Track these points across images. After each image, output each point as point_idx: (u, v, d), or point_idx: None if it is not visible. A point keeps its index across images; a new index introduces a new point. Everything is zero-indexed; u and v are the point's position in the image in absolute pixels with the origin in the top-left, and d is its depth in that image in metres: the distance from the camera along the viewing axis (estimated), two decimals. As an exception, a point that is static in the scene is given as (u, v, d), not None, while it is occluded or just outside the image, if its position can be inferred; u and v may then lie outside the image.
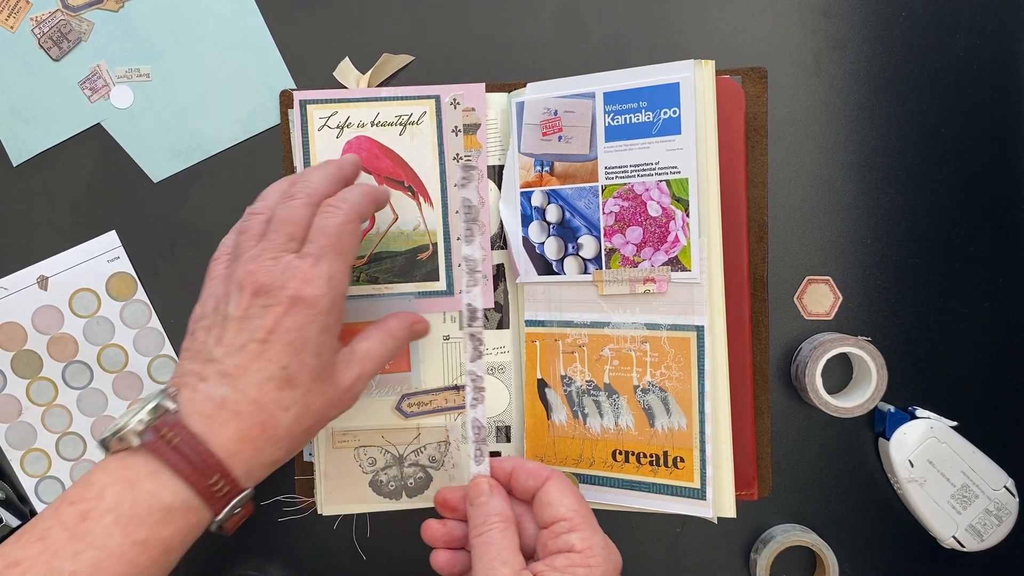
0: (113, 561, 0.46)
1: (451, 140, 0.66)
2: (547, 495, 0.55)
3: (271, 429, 0.51)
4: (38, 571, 0.44)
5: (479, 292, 0.59)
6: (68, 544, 0.45)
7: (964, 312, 0.71)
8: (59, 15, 0.71)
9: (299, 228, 0.54)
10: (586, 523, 0.54)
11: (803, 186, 0.71)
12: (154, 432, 0.49)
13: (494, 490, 0.57)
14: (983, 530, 0.68)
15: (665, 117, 0.60)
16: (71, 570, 0.45)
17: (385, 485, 0.70)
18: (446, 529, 0.59)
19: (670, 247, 0.61)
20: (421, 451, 0.70)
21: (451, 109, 0.67)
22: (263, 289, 0.52)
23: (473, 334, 0.60)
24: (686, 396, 0.61)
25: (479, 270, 0.59)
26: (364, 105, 0.67)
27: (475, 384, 0.60)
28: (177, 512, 0.48)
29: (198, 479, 0.49)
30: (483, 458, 0.59)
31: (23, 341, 0.73)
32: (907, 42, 0.70)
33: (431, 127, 0.67)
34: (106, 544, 0.46)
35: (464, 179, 0.61)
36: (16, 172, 0.73)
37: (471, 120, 0.67)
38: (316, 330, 0.52)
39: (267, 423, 0.51)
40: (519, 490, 0.57)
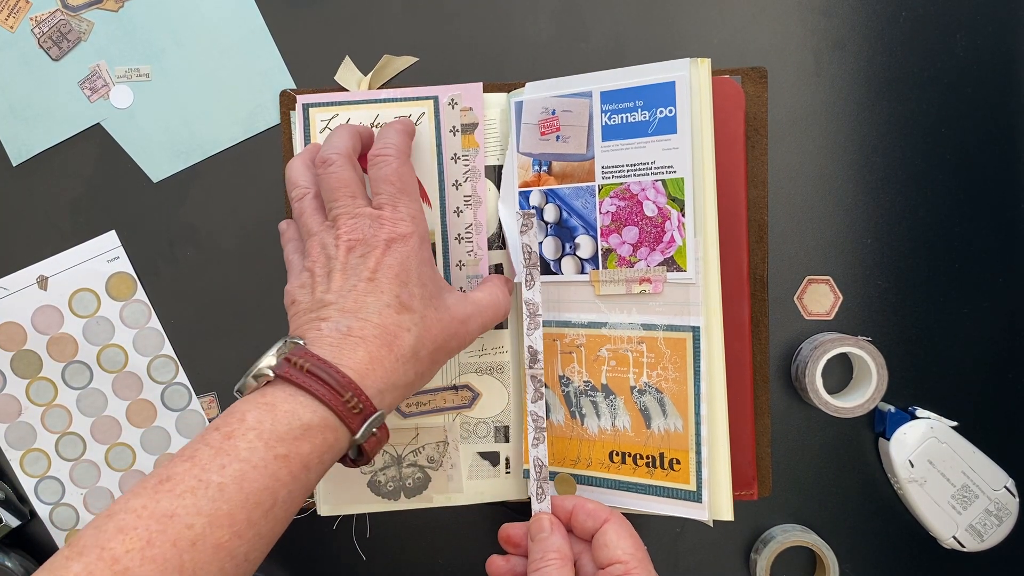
0: (257, 473, 0.47)
1: (449, 140, 0.66)
2: (605, 536, 0.57)
3: (397, 349, 0.53)
4: (188, 484, 0.46)
5: (539, 335, 0.63)
6: (215, 459, 0.47)
7: (964, 312, 0.70)
8: (59, 15, 0.72)
9: (355, 186, 0.57)
10: (641, 567, 0.56)
11: (803, 186, 0.70)
12: (287, 363, 0.51)
13: (554, 527, 0.59)
14: (983, 530, 0.68)
15: (661, 116, 0.60)
16: (219, 481, 0.46)
17: (383, 485, 0.70)
18: (509, 565, 0.61)
19: (666, 247, 0.61)
20: (419, 451, 0.70)
21: (449, 109, 0.66)
22: (357, 243, 0.55)
23: (535, 376, 0.63)
24: (682, 398, 0.61)
25: (539, 314, 0.63)
26: (364, 107, 0.67)
27: (536, 425, 0.62)
28: (315, 429, 0.50)
29: (333, 397, 0.50)
30: (544, 496, 0.61)
31: (23, 341, 0.73)
32: (907, 42, 0.70)
33: (430, 128, 0.67)
34: (250, 457, 0.48)
35: (524, 226, 0.64)
36: (16, 172, 0.73)
37: (469, 120, 0.67)
38: (415, 263, 0.55)
39: (392, 343, 0.53)
40: (579, 529, 0.59)
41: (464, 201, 0.67)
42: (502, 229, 0.67)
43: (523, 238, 0.64)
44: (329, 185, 0.57)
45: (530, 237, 0.64)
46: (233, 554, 0.46)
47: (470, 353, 0.67)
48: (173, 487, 0.46)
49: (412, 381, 0.55)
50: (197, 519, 0.45)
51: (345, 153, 0.58)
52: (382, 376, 0.52)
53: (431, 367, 0.56)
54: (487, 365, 0.68)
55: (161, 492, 0.46)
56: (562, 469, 0.65)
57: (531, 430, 0.63)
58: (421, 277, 0.56)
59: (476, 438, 0.68)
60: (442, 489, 0.70)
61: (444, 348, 0.56)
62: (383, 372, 0.52)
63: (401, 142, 0.59)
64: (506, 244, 0.67)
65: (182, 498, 0.45)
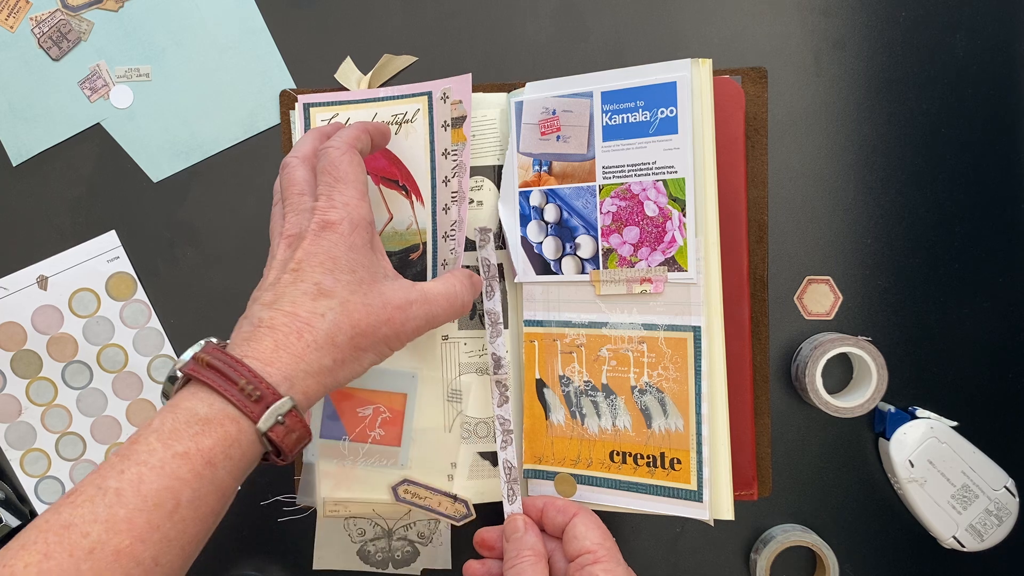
0: (155, 474, 0.47)
1: (440, 135, 0.66)
2: (574, 529, 0.59)
3: (308, 335, 0.52)
4: (88, 493, 0.46)
5: (501, 343, 0.65)
6: (116, 465, 0.47)
7: (964, 312, 0.70)
8: (59, 15, 0.72)
9: (303, 184, 0.57)
10: (610, 556, 0.58)
11: (803, 186, 0.70)
12: (192, 361, 0.51)
13: (527, 526, 0.61)
14: (983, 530, 0.68)
15: (662, 116, 0.60)
16: (116, 487, 0.46)
17: (372, 555, 0.72)
18: (485, 568, 0.63)
19: (667, 247, 0.61)
20: (410, 527, 0.72)
21: (441, 104, 0.66)
22: (293, 238, 0.55)
23: (499, 381, 0.66)
24: (683, 397, 0.61)
25: (500, 322, 0.65)
26: (363, 106, 0.67)
27: (503, 427, 0.65)
28: (215, 422, 0.49)
29: (229, 386, 0.50)
30: (515, 497, 0.64)
31: (23, 341, 0.73)
32: (907, 42, 0.70)
33: (424, 124, 0.66)
34: (148, 459, 0.47)
35: (482, 240, 0.65)
36: (16, 172, 0.73)
37: (458, 113, 0.66)
38: (343, 249, 0.54)
39: (303, 330, 0.52)
40: (550, 526, 0.61)
41: (452, 198, 0.65)
42: (502, 229, 0.67)
43: (480, 252, 0.66)
44: (283, 186, 0.58)
45: (488, 251, 0.66)
46: (138, 559, 0.45)
47: (470, 353, 0.67)
48: (75, 498, 0.46)
49: (330, 367, 0.53)
50: (93, 527, 0.45)
51: (302, 156, 0.58)
52: (288, 363, 0.51)
53: (354, 353, 0.54)
54: (487, 365, 0.68)
55: (63, 504, 0.46)
56: (562, 469, 0.65)
57: (499, 433, 0.65)
58: (351, 263, 0.54)
59: (476, 438, 0.68)
60: (430, 563, 0.72)
61: (370, 334, 0.54)
62: (290, 358, 0.51)
63: (351, 135, 0.58)
64: (507, 244, 0.67)
65: (80, 507, 0.45)
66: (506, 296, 0.68)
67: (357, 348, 0.54)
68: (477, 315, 0.67)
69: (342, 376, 0.54)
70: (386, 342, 0.55)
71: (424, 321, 0.57)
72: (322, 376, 0.52)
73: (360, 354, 0.54)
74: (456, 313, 0.60)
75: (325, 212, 0.55)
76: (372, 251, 0.56)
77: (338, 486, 0.67)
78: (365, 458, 0.67)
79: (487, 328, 0.66)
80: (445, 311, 0.58)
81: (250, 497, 0.74)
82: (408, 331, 0.56)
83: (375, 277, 0.55)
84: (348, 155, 0.57)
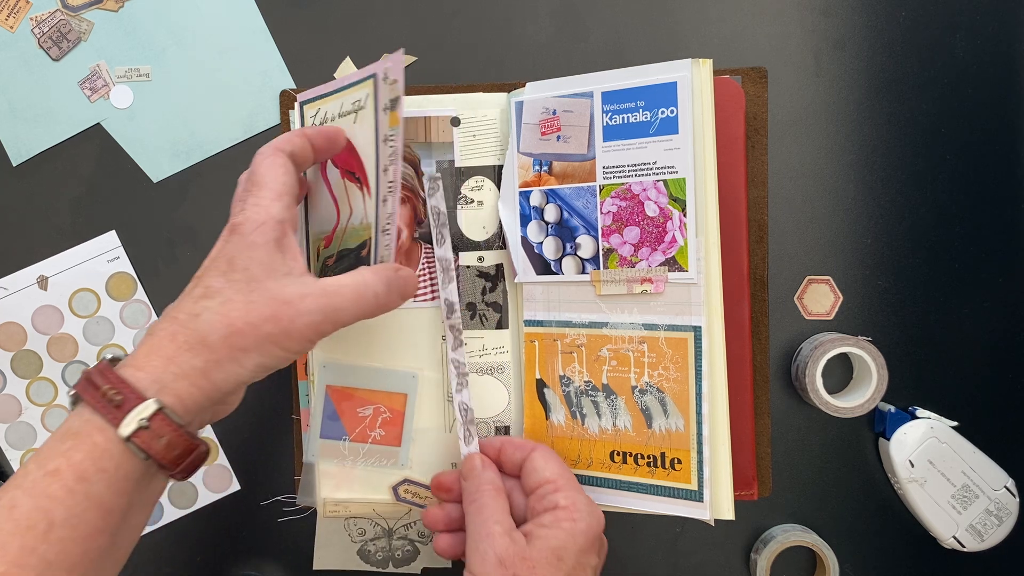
0: (26, 495, 0.46)
1: (382, 120, 0.61)
2: (533, 463, 0.60)
3: (181, 336, 0.50)
4: None
5: (454, 288, 0.66)
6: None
7: (964, 312, 0.70)
8: (59, 15, 0.72)
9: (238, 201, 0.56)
10: (569, 484, 0.58)
11: (803, 186, 0.70)
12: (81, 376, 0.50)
13: (485, 463, 0.61)
14: (983, 530, 0.68)
15: (663, 116, 0.60)
16: None
17: (373, 555, 0.72)
18: (444, 512, 0.62)
19: (667, 247, 0.61)
20: (411, 526, 0.72)
21: (384, 85, 0.61)
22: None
23: (453, 326, 0.66)
24: (683, 397, 0.61)
25: (451, 268, 0.65)
26: (332, 98, 0.65)
27: (459, 371, 0.65)
28: (83, 434, 0.48)
29: (92, 393, 0.49)
30: (472, 438, 0.64)
31: (23, 341, 0.73)
32: (907, 42, 0.70)
33: (371, 109, 0.61)
34: (22, 482, 0.46)
35: (431, 188, 0.65)
36: (16, 172, 0.73)
37: (394, 94, 0.60)
38: (241, 248, 0.52)
39: (177, 332, 0.50)
40: (508, 464, 0.61)
41: (388, 188, 0.61)
42: (502, 229, 0.67)
43: (430, 200, 0.65)
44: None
45: (437, 199, 0.66)
46: None
47: (471, 353, 0.67)
48: None
49: (202, 368, 0.50)
50: None
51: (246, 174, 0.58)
52: (158, 365, 0.49)
53: (231, 353, 0.50)
54: (487, 365, 0.68)
55: None
56: (563, 469, 0.65)
57: (453, 377, 0.65)
58: (245, 262, 0.52)
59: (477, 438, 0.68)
60: (431, 562, 0.72)
61: (249, 333, 0.50)
62: (160, 361, 0.49)
63: (282, 139, 0.57)
64: (506, 244, 0.67)
65: None
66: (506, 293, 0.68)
67: (234, 348, 0.50)
68: (478, 315, 0.67)
69: (218, 378, 0.51)
70: (272, 340, 0.51)
71: (320, 316, 0.52)
72: (195, 378, 0.50)
73: (239, 354, 0.50)
74: (367, 306, 0.54)
75: (234, 217, 0.53)
76: (277, 249, 0.53)
77: (338, 486, 0.67)
78: (365, 458, 0.67)
79: (439, 275, 0.66)
80: (351, 304, 0.53)
81: (250, 497, 0.74)
82: (299, 328, 0.51)
83: (270, 274, 0.52)
84: (269, 159, 0.55)
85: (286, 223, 0.54)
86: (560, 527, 0.55)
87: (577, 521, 0.56)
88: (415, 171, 0.67)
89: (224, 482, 0.74)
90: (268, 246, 0.53)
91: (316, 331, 0.52)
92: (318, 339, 0.53)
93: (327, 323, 0.52)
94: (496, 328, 0.68)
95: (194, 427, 0.52)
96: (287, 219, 0.54)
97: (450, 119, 0.67)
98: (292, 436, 0.74)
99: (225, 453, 0.74)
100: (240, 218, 0.53)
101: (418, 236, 0.68)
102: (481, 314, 0.67)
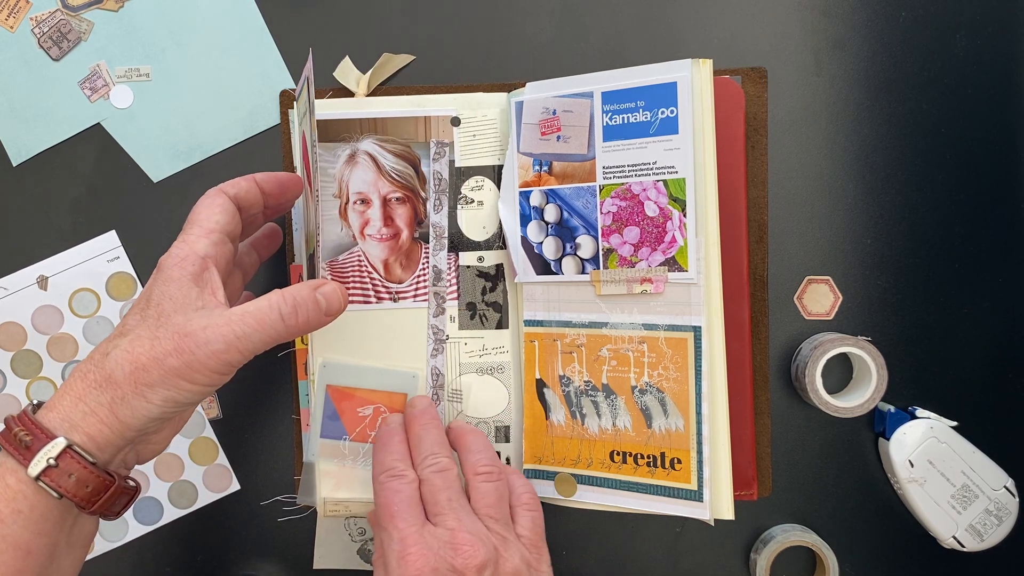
0: None
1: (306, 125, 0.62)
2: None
3: (91, 375, 0.51)
4: None
5: (443, 256, 0.67)
6: None
7: (964, 312, 0.70)
8: (59, 15, 0.72)
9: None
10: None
11: (803, 186, 0.70)
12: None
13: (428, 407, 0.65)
14: (983, 530, 0.68)
15: (663, 117, 0.60)
16: None
17: (372, 554, 0.72)
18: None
19: (667, 247, 0.61)
20: None
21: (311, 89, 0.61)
22: None
23: (437, 292, 0.67)
24: (683, 397, 0.61)
25: (444, 236, 0.65)
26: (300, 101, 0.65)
27: (436, 338, 0.67)
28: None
29: (5, 435, 0.50)
30: (438, 402, 0.67)
31: (23, 341, 0.73)
32: (907, 42, 0.70)
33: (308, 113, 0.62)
34: None
35: (436, 153, 0.65)
36: (16, 172, 0.73)
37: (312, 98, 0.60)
38: (158, 284, 0.53)
39: (87, 372, 0.51)
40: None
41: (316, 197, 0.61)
42: (502, 229, 0.67)
43: (433, 165, 0.66)
44: None
45: (441, 165, 0.66)
46: None
47: (470, 353, 0.67)
48: None
49: (108, 404, 0.50)
50: None
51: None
52: (69, 404, 0.50)
53: (136, 389, 0.50)
54: (487, 365, 0.68)
55: None
56: (562, 469, 0.65)
57: (431, 342, 0.67)
58: (159, 297, 0.52)
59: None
60: None
61: (153, 368, 0.50)
62: (71, 400, 0.50)
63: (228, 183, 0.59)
64: (506, 244, 0.67)
65: None
66: (506, 293, 0.68)
67: (138, 383, 0.50)
68: (478, 315, 0.67)
69: (124, 414, 0.50)
70: (178, 374, 0.50)
71: (223, 345, 0.51)
72: (103, 414, 0.50)
73: (144, 390, 0.50)
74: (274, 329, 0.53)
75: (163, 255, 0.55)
76: (193, 284, 0.53)
77: (338, 486, 0.67)
78: (365, 458, 0.67)
79: (431, 242, 0.67)
80: (254, 330, 0.52)
81: (250, 497, 0.74)
82: (202, 359, 0.51)
83: (180, 309, 0.52)
84: (209, 199, 0.57)
85: (210, 258, 0.54)
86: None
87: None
88: (415, 171, 0.67)
89: (224, 482, 0.74)
90: (183, 280, 0.53)
91: (221, 361, 0.51)
92: (229, 369, 0.52)
93: (233, 352, 0.51)
94: (496, 328, 0.68)
95: (116, 465, 0.53)
96: (212, 255, 0.55)
97: (450, 119, 0.67)
98: (292, 436, 0.74)
99: (225, 453, 0.74)
100: (164, 255, 0.54)
101: (418, 236, 0.68)
102: (481, 314, 0.67)
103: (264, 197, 0.61)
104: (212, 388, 0.53)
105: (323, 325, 0.56)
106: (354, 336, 0.68)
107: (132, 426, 0.51)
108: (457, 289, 0.68)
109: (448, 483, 0.57)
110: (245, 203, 0.59)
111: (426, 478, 0.58)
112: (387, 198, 0.68)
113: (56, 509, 0.50)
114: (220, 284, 0.54)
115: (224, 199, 0.57)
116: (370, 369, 0.67)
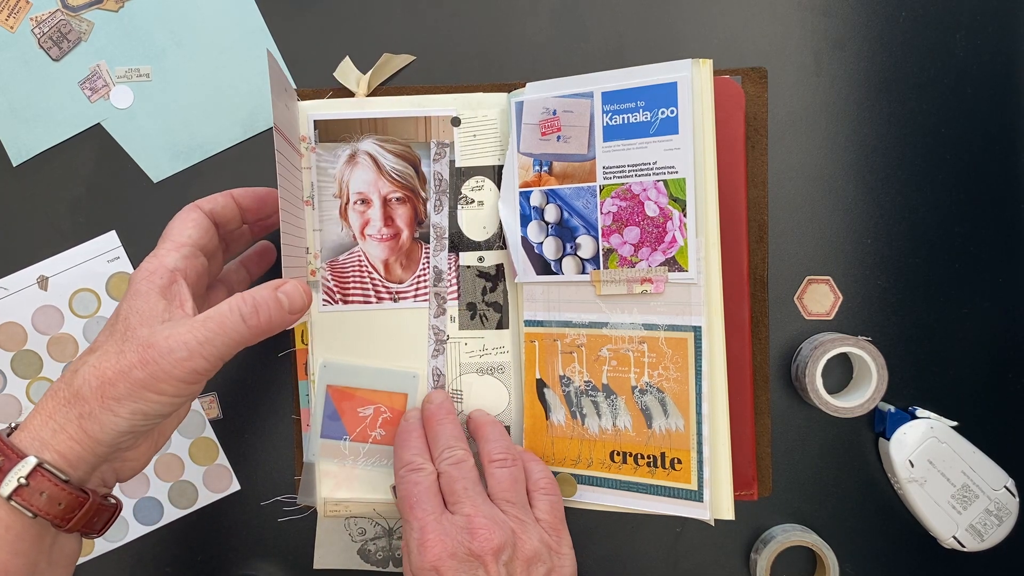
0: None
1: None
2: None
3: (60, 393, 0.51)
4: None
5: (444, 256, 0.67)
6: None
7: (964, 312, 0.70)
8: (59, 15, 0.72)
9: None
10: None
11: (803, 186, 0.70)
12: None
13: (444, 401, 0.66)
14: (983, 530, 0.68)
15: (663, 117, 0.60)
16: None
17: (373, 555, 0.72)
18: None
19: (667, 247, 0.61)
20: None
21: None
22: None
23: (438, 293, 0.67)
24: (683, 397, 0.61)
25: (445, 236, 0.66)
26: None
27: (437, 338, 0.67)
28: None
29: None
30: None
31: (23, 341, 0.73)
32: (907, 42, 0.70)
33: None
34: None
35: (437, 154, 0.65)
36: (16, 172, 0.73)
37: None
38: (127, 299, 0.54)
39: (58, 391, 0.51)
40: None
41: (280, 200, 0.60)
42: (503, 229, 0.67)
43: (434, 166, 0.67)
44: None
45: (441, 166, 0.67)
46: None
47: (471, 353, 0.67)
48: None
49: (77, 420, 0.50)
50: None
51: None
52: (39, 423, 0.50)
53: (103, 403, 0.50)
54: (487, 365, 0.68)
55: None
56: (563, 469, 0.65)
57: (431, 342, 0.67)
58: (126, 312, 0.53)
59: (477, 438, 0.68)
60: None
61: (119, 382, 0.50)
62: (41, 419, 0.51)
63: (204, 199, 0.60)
64: (507, 244, 0.67)
65: None
66: (506, 293, 0.68)
67: (106, 398, 0.50)
68: (478, 315, 0.67)
69: (94, 429, 0.50)
70: (144, 385, 0.50)
71: (186, 352, 0.51)
72: (72, 431, 0.50)
73: (112, 404, 0.50)
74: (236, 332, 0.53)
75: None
76: (160, 296, 0.54)
77: (339, 486, 0.67)
78: (366, 458, 0.67)
79: (431, 242, 0.67)
80: (216, 334, 0.52)
81: (250, 497, 0.74)
82: (166, 368, 0.50)
83: (145, 322, 0.52)
84: (183, 213, 0.59)
85: (179, 271, 0.55)
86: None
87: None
88: (415, 171, 0.68)
89: (224, 482, 0.74)
90: (150, 294, 0.54)
91: (186, 369, 0.51)
92: (196, 377, 0.52)
93: (197, 358, 0.51)
94: (496, 328, 0.68)
95: (93, 483, 0.53)
96: (182, 268, 0.55)
97: (450, 119, 0.67)
98: (292, 436, 0.74)
99: (225, 453, 0.74)
100: (135, 270, 0.55)
101: (418, 236, 0.68)
102: (481, 314, 0.67)
103: (242, 212, 0.62)
104: (181, 399, 0.52)
105: (289, 324, 0.56)
106: (354, 336, 0.68)
107: (103, 441, 0.51)
108: (457, 289, 0.68)
109: (464, 473, 0.59)
110: (222, 218, 0.60)
111: (443, 471, 0.60)
112: (387, 198, 0.68)
113: (32, 529, 0.50)
114: (189, 296, 0.55)
115: (198, 214, 0.59)
116: (370, 369, 0.67)
